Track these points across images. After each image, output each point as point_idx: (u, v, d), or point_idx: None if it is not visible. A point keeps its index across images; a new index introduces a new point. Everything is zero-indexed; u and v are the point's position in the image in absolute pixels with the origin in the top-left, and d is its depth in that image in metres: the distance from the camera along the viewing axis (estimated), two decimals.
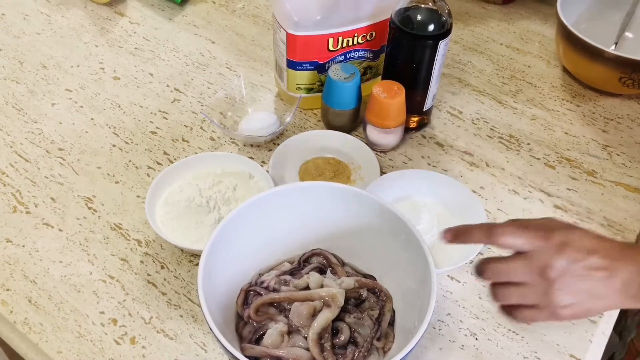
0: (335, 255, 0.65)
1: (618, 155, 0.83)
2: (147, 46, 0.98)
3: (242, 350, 0.57)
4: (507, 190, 0.78)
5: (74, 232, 0.72)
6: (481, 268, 0.51)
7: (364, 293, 0.60)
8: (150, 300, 0.66)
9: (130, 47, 0.98)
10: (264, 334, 0.58)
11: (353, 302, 0.60)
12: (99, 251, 0.70)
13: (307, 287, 0.60)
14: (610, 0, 0.96)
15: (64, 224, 0.73)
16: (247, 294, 0.62)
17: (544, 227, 0.49)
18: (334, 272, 0.63)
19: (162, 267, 0.69)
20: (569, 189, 0.78)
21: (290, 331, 0.58)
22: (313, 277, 0.60)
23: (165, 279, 0.68)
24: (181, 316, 0.65)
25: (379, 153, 0.82)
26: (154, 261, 0.70)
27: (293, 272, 0.64)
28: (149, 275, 0.68)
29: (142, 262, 0.70)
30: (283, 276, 0.62)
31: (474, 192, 0.78)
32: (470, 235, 0.51)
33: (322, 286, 0.60)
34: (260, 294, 0.60)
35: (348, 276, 0.62)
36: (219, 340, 0.51)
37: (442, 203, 0.74)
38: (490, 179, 0.79)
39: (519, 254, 0.50)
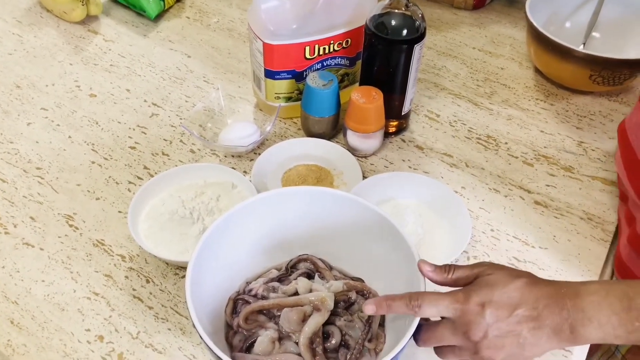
0: (322, 260, 0.65)
1: (593, 150, 0.85)
2: (122, 63, 0.98)
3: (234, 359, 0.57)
4: (487, 189, 0.79)
5: (55, 251, 0.71)
6: (416, 338, 0.53)
7: (353, 295, 0.60)
8: (136, 315, 0.65)
9: (106, 64, 0.98)
10: (254, 342, 0.57)
11: (343, 305, 0.60)
12: (82, 268, 0.69)
13: (296, 293, 0.60)
14: (577, 2, 0.99)
15: (45, 242, 0.72)
16: (236, 302, 0.61)
17: (463, 290, 0.50)
18: (322, 277, 0.63)
19: (148, 281, 0.68)
20: (547, 185, 0.80)
21: (281, 337, 0.57)
22: (301, 282, 0.60)
23: (151, 293, 0.67)
24: (169, 329, 0.64)
25: (360, 158, 0.82)
26: (138, 275, 0.69)
27: (281, 279, 0.63)
28: (134, 290, 0.67)
29: (126, 277, 0.69)
30: (271, 283, 0.62)
31: (456, 192, 0.78)
32: (392, 307, 0.52)
33: (310, 291, 0.59)
34: (248, 302, 0.60)
35: (336, 279, 0.62)
36: (211, 350, 0.50)
37: (426, 203, 0.75)
38: (470, 179, 0.80)
39: (446, 319, 0.51)
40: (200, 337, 0.51)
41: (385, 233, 0.59)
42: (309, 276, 0.63)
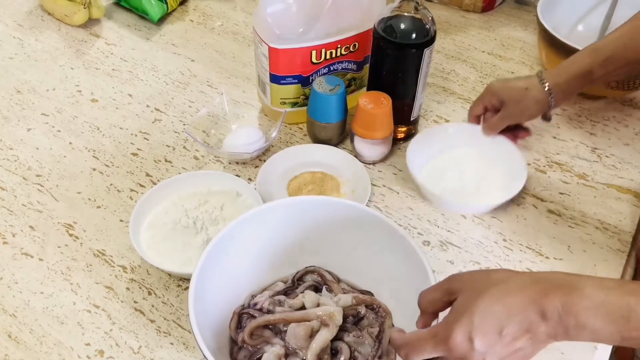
0: (330, 272, 0.63)
1: (607, 157, 0.82)
2: (124, 67, 0.96)
3: None
4: None
5: (55, 261, 0.69)
6: None
7: (362, 310, 0.58)
8: (138, 329, 0.63)
9: (108, 69, 0.96)
10: (260, 358, 0.55)
11: (352, 319, 0.58)
12: (82, 280, 0.67)
13: (303, 307, 0.58)
14: (589, 4, 0.96)
15: (44, 253, 0.70)
16: (241, 317, 0.59)
17: (442, 325, 0.46)
18: (329, 290, 0.61)
19: (150, 293, 0.66)
20: (561, 193, 0.77)
21: (288, 354, 0.55)
22: (308, 296, 0.58)
23: (153, 306, 0.65)
24: (172, 344, 0.62)
25: (367, 165, 0.80)
26: (140, 287, 0.67)
27: (287, 292, 0.61)
28: (135, 302, 0.65)
29: (128, 289, 0.67)
30: (277, 296, 0.60)
31: None
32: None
33: (318, 305, 0.57)
34: (254, 317, 0.58)
35: (345, 293, 0.60)
36: None
37: (481, 151, 0.78)
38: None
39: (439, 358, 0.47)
40: (203, 353, 0.49)
41: (396, 244, 0.57)
42: (317, 289, 0.61)
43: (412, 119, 0.82)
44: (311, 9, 0.75)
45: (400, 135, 0.83)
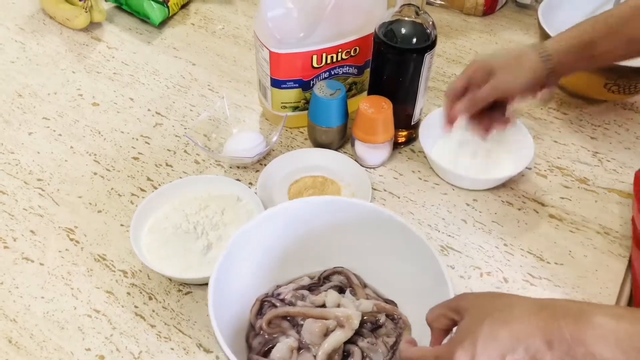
0: (357, 276, 0.64)
1: (608, 161, 0.82)
2: (126, 70, 0.96)
3: None
4: (500, 202, 0.77)
5: (55, 266, 0.69)
6: None
7: (382, 318, 0.58)
8: (138, 334, 0.63)
9: (109, 72, 0.96)
10: (273, 347, 0.56)
11: (369, 326, 0.58)
12: (82, 284, 0.67)
13: (324, 305, 0.59)
14: (590, 8, 0.96)
15: (45, 257, 0.70)
16: (263, 304, 0.60)
17: (447, 345, 0.45)
18: (353, 293, 0.61)
19: (150, 298, 0.66)
20: (562, 198, 0.77)
21: (300, 347, 0.56)
22: (330, 296, 0.59)
23: (153, 311, 0.65)
24: (172, 349, 0.62)
25: (368, 169, 0.80)
26: (141, 292, 0.67)
27: (311, 288, 0.62)
28: (136, 307, 0.65)
29: (128, 293, 0.67)
30: (301, 290, 0.61)
31: (467, 204, 0.76)
32: None
33: (338, 306, 0.58)
34: (275, 306, 0.59)
35: (368, 299, 0.61)
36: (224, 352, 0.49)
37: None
38: (482, 191, 0.78)
39: None
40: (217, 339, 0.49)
41: (423, 258, 0.57)
42: (341, 290, 0.62)
43: (412, 123, 0.82)
44: (312, 13, 0.75)
45: (401, 140, 0.83)
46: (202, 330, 0.63)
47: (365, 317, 0.57)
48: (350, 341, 0.56)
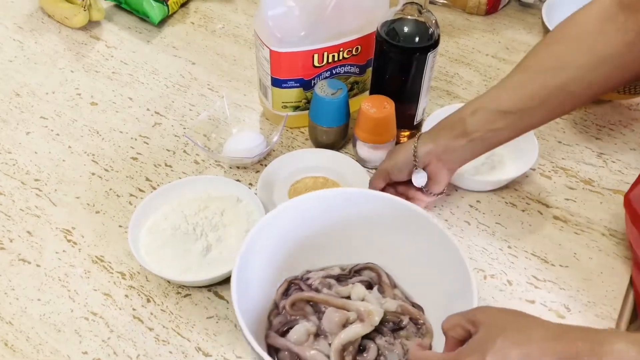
0: (388, 275, 0.63)
1: (614, 162, 0.81)
2: (125, 70, 0.95)
3: (266, 338, 0.58)
4: (504, 203, 0.76)
5: (52, 267, 0.68)
6: None
7: (405, 320, 0.58)
8: (136, 337, 0.62)
9: (108, 72, 0.95)
10: (292, 328, 0.57)
11: (391, 325, 0.58)
12: (80, 286, 0.66)
13: (349, 297, 0.59)
14: None
15: (42, 258, 0.69)
16: (290, 285, 0.61)
17: (456, 354, 0.45)
18: (381, 291, 0.61)
19: (148, 301, 0.65)
20: (567, 199, 0.76)
21: (318, 334, 0.57)
22: (356, 289, 0.59)
23: (151, 314, 0.64)
24: (170, 352, 0.61)
25: (370, 170, 0.79)
26: (139, 294, 0.66)
27: (340, 278, 0.63)
28: (134, 310, 0.64)
29: (126, 296, 0.66)
30: (329, 279, 0.62)
31: (471, 206, 0.75)
32: None
33: (363, 300, 0.58)
34: (301, 289, 0.60)
35: (395, 299, 0.60)
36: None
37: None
38: (486, 192, 0.77)
39: None
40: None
41: (457, 269, 0.55)
42: (369, 286, 0.62)
43: (415, 123, 0.81)
44: (313, 11, 0.74)
45: (404, 140, 0.82)
46: (201, 334, 0.62)
47: (388, 317, 0.57)
48: (369, 337, 0.56)
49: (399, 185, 0.70)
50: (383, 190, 0.69)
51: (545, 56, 0.62)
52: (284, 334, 0.57)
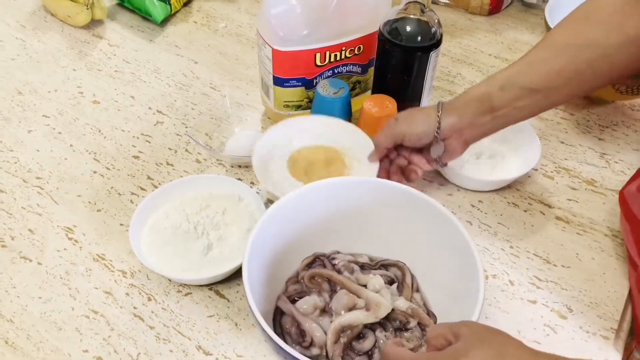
0: (413, 277, 0.63)
1: (616, 162, 0.81)
2: (127, 68, 0.95)
3: (277, 299, 0.60)
4: (506, 203, 0.75)
5: (54, 265, 0.68)
6: None
7: (413, 323, 0.58)
8: (137, 336, 0.62)
9: (110, 70, 0.95)
10: (302, 297, 0.59)
11: (397, 324, 0.58)
12: (81, 284, 0.66)
13: (365, 286, 0.60)
14: None
15: (43, 256, 0.69)
16: (315, 260, 0.63)
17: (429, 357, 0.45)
18: (400, 290, 0.61)
19: (149, 299, 0.65)
20: (569, 200, 0.76)
21: (325, 310, 0.58)
22: (375, 280, 0.60)
23: (152, 312, 0.64)
24: (171, 351, 0.61)
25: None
26: (140, 293, 0.66)
27: (365, 267, 0.63)
28: (135, 308, 0.64)
29: (127, 294, 0.65)
30: (354, 264, 0.63)
31: (473, 205, 0.75)
32: None
33: (378, 293, 0.58)
34: (324, 266, 0.62)
35: (411, 301, 0.60)
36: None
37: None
38: (488, 193, 0.77)
39: None
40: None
41: (474, 283, 0.54)
42: (391, 282, 0.62)
43: None
44: (315, 10, 0.74)
45: None
46: (202, 332, 0.62)
47: (396, 315, 0.58)
48: (371, 328, 0.57)
49: (403, 148, 0.69)
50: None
51: (571, 33, 0.61)
52: (294, 301, 0.59)
